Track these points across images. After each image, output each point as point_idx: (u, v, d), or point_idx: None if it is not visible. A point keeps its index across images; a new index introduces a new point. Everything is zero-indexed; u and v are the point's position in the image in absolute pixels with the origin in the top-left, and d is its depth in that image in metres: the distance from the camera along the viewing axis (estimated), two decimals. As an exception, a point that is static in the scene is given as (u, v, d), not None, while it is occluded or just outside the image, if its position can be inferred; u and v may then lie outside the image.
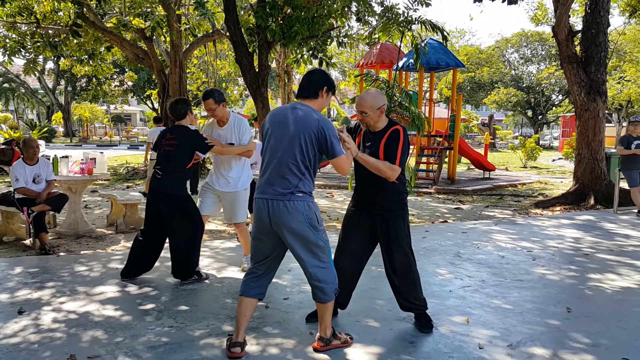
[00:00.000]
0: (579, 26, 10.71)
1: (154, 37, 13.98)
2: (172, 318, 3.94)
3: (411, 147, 14.98)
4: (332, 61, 10.82)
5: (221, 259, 5.71)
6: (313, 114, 3.20)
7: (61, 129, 43.41)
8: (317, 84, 3.31)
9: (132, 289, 4.64)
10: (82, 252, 6.02)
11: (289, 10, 8.51)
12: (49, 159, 6.72)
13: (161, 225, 4.76)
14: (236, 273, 5.12)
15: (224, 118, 4.89)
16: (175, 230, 4.72)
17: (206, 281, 4.86)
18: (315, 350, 3.36)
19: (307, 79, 3.34)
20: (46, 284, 4.71)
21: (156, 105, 30.55)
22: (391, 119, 3.68)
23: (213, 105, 4.73)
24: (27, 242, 6.52)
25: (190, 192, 5.43)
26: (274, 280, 4.72)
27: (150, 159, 10.79)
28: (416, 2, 7.62)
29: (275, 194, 3.16)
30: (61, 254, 5.95)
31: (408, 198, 3.78)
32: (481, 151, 17.72)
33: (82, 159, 7.05)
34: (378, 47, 14.30)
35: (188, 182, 6.19)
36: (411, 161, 12.10)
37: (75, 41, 13.38)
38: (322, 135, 3.15)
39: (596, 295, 4.63)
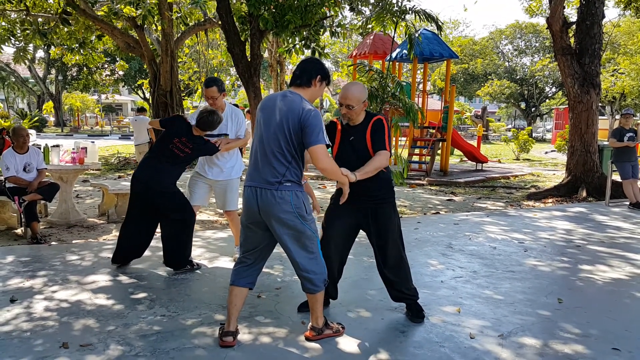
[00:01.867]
0: (573, 17, 10.71)
1: (145, 26, 13.85)
2: (164, 307, 3.93)
3: (404, 138, 15.01)
4: (325, 51, 10.75)
5: (213, 249, 5.70)
6: (302, 102, 3.14)
7: (52, 119, 43.06)
8: (311, 72, 3.26)
9: (124, 278, 4.62)
10: (73, 242, 5.99)
11: (281, -1, 8.46)
12: (39, 148, 6.67)
13: (152, 215, 4.75)
14: (228, 263, 5.12)
15: (221, 108, 4.87)
16: (168, 222, 4.71)
17: (198, 271, 4.85)
18: (308, 339, 3.37)
19: (301, 67, 3.30)
20: (38, 273, 4.68)
21: (147, 95, 30.35)
22: (368, 111, 3.66)
23: (216, 94, 4.73)
24: (19, 231, 6.48)
25: None
26: (265, 269, 4.75)
27: (135, 145, 10.80)
28: (410, -8, 7.59)
29: (263, 182, 3.15)
30: (53, 243, 5.92)
31: (400, 189, 3.79)
32: (474, 143, 17.76)
33: (73, 149, 7.00)
34: (371, 37, 14.25)
35: None
36: (404, 153, 12.12)
37: (65, 29, 13.24)
38: (305, 122, 3.05)
39: (587, 286, 4.67)
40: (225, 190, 5.00)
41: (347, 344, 3.37)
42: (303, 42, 10.03)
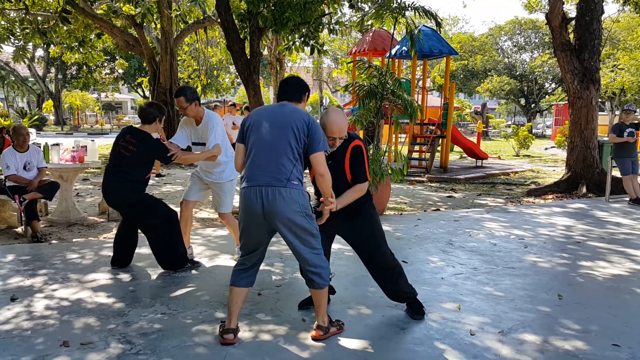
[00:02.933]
0: (572, 13, 10.70)
1: (145, 24, 13.85)
2: (164, 305, 3.94)
3: (404, 135, 14.99)
4: (324, 49, 10.75)
5: (213, 246, 5.71)
6: (302, 109, 3.34)
7: (52, 117, 43.06)
8: (300, 89, 3.45)
9: (125, 276, 4.63)
10: (74, 240, 6.00)
11: (280, -4, 8.46)
12: (39, 147, 6.67)
13: (124, 219, 4.77)
14: (228, 261, 5.12)
15: (198, 117, 4.77)
16: (146, 228, 4.68)
17: (198, 270, 4.85)
18: (315, 339, 3.35)
19: (289, 85, 3.46)
20: (38, 272, 4.69)
21: (147, 93, 30.36)
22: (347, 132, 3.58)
23: (184, 104, 4.61)
24: (19, 230, 6.48)
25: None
26: (266, 267, 4.76)
27: None
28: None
29: (270, 180, 3.13)
30: (53, 241, 5.93)
31: (400, 186, 3.79)
32: (474, 139, 17.74)
33: (73, 147, 6.99)
34: (371, 34, 14.24)
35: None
36: (404, 149, 12.12)
37: (64, 28, 13.25)
38: (311, 127, 3.21)
39: (587, 282, 4.67)
40: (219, 193, 4.97)
41: (348, 341, 3.37)
42: (302, 39, 10.02)
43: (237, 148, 3.40)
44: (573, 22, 10.01)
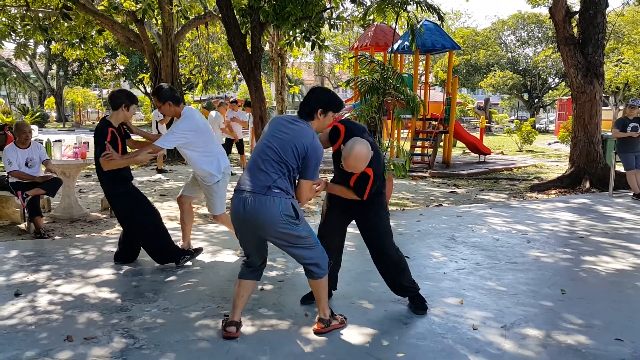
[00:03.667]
0: (576, 7, 10.64)
1: (146, 20, 13.83)
2: (167, 300, 3.94)
3: (406, 130, 14.96)
4: (325, 44, 10.71)
5: (216, 242, 5.71)
6: (310, 132, 3.24)
7: (54, 114, 43.12)
8: (312, 104, 3.31)
9: (128, 271, 4.64)
10: (76, 236, 6.01)
11: (282, -9, 8.43)
12: (41, 143, 6.68)
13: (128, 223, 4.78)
14: (231, 256, 5.12)
15: (176, 115, 4.67)
16: (138, 225, 4.67)
17: (200, 265, 4.85)
18: (317, 332, 3.36)
19: (305, 99, 3.36)
20: (42, 267, 4.70)
21: (149, 90, 30.38)
22: None
23: (158, 103, 4.59)
24: (22, 226, 6.49)
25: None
26: (269, 262, 4.75)
27: None
28: (411, -17, 7.50)
29: (254, 186, 3.14)
30: (56, 237, 5.94)
31: (403, 182, 3.77)
32: (477, 135, 17.71)
33: (75, 143, 7.00)
34: (373, 29, 14.20)
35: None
36: (406, 145, 12.10)
37: (66, 24, 13.23)
38: (308, 155, 3.18)
39: (590, 277, 4.66)
40: (206, 195, 4.92)
41: (350, 335, 3.37)
42: (303, 34, 9.99)
43: None
44: (577, 16, 9.95)
